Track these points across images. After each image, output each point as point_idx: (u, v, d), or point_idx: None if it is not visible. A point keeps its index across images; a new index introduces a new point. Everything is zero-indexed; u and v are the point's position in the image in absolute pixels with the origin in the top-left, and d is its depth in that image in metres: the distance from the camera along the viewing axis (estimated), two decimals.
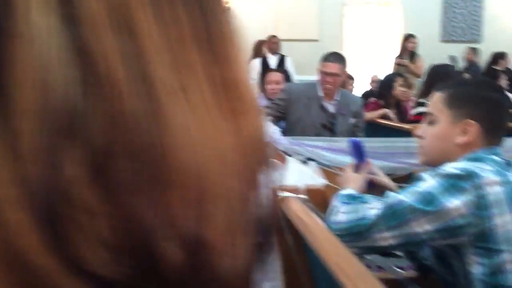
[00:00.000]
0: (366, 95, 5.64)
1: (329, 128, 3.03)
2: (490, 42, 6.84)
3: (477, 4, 6.81)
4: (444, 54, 6.68)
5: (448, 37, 6.88)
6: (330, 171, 2.50)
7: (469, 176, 1.08)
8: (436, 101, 1.28)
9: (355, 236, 1.12)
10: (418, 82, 6.04)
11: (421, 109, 3.58)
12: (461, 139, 1.20)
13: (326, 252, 0.90)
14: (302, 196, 1.28)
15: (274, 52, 6.19)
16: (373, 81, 5.91)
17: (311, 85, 3.14)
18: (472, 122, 1.19)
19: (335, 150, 2.89)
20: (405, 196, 1.12)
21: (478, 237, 1.08)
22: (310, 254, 1.11)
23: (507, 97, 1.29)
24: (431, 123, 1.27)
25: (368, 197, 1.19)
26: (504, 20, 6.88)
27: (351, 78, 5.51)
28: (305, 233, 1.05)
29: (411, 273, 1.40)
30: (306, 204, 1.27)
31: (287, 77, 5.02)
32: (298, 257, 1.24)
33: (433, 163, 1.25)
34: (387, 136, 3.28)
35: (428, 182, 1.10)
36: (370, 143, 3.05)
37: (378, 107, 3.94)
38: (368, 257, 1.35)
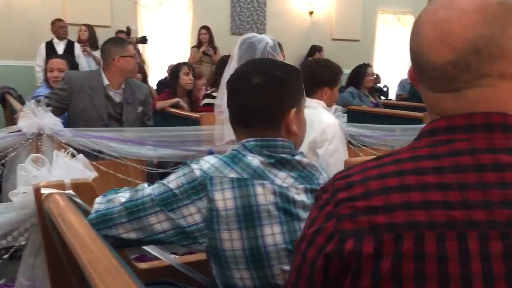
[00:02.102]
0: (161, 83, 5.69)
1: (116, 118, 2.95)
2: (272, 36, 7.53)
3: (261, 0, 7.40)
4: (233, 46, 7.11)
5: (236, 30, 7.32)
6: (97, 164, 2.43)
7: (202, 186, 1.04)
8: None
9: (102, 225, 1.09)
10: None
11: (207, 100, 3.73)
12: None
13: (81, 248, 0.86)
14: (68, 191, 1.20)
15: (60, 37, 5.76)
16: (169, 70, 5.97)
17: (94, 73, 2.99)
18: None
19: (123, 140, 2.83)
20: (153, 189, 1.08)
21: (211, 249, 1.06)
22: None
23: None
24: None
25: (125, 188, 1.17)
26: (282, 17, 7.63)
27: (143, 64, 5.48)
28: (66, 231, 0.99)
29: (186, 257, 1.44)
30: (73, 199, 1.20)
31: (74, 64, 4.72)
32: (65, 256, 1.16)
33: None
34: (178, 124, 3.35)
35: (176, 180, 1.07)
36: (161, 132, 3.08)
37: (169, 96, 3.98)
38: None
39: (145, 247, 1.32)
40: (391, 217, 0.65)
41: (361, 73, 4.67)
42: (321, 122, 2.29)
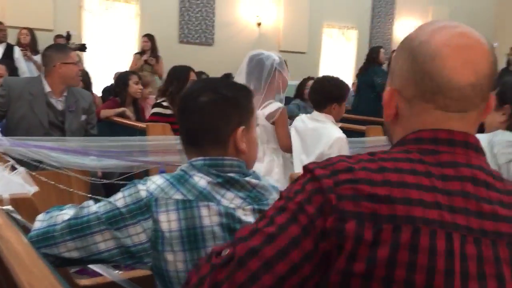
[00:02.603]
0: (107, 90, 5.55)
1: (58, 127, 2.84)
2: (220, 46, 7.57)
3: (210, 10, 7.41)
4: (182, 55, 7.07)
5: (185, 38, 7.29)
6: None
7: (148, 207, 1.03)
8: None
9: (43, 243, 1.05)
10: (158, 81, 6.26)
11: (157, 109, 3.69)
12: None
13: (19, 268, 0.83)
14: (7, 207, 1.16)
15: None
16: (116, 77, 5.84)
17: (35, 80, 2.88)
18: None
19: (65, 150, 2.74)
20: (98, 207, 1.06)
21: (156, 269, 1.05)
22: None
23: (250, 99, 1.19)
24: None
25: (69, 205, 1.13)
26: (231, 27, 7.68)
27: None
28: (4, 250, 0.95)
29: (131, 272, 1.41)
30: (12, 216, 1.15)
31: (13, 69, 4.53)
32: (2, 277, 1.11)
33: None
34: (124, 134, 3.29)
35: (122, 199, 1.05)
36: (105, 142, 3.01)
37: (116, 104, 3.90)
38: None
39: None
40: (392, 208, 0.70)
41: (304, 85, 4.77)
42: (330, 136, 2.45)
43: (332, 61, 8.71)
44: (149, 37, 6.27)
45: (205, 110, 1.11)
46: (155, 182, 1.07)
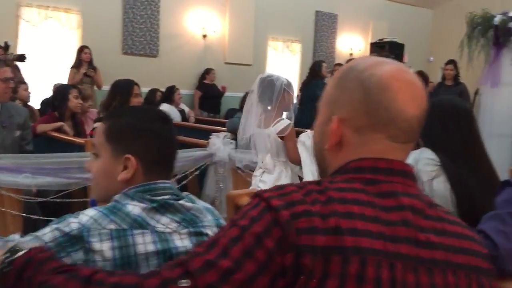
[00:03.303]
0: (45, 103, 5.37)
1: None
2: (165, 57, 7.52)
3: (154, 21, 7.35)
4: (126, 66, 6.97)
5: (129, 50, 7.18)
6: None
7: (79, 238, 1.00)
8: (98, 132, 1.16)
9: None
10: (98, 94, 6.14)
11: (97, 124, 3.61)
12: (122, 176, 1.10)
13: None
14: None
15: None
16: (55, 90, 5.67)
17: None
18: (131, 156, 1.10)
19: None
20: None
21: None
22: None
23: (170, 126, 1.19)
24: (96, 156, 1.16)
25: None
26: (176, 39, 7.65)
27: (23, 82, 5.14)
28: None
29: None
30: None
31: None
32: None
33: (104, 201, 1.13)
34: (62, 150, 3.19)
35: (51, 233, 1.01)
36: (40, 159, 2.91)
37: (53, 119, 3.78)
38: None
39: None
40: (340, 240, 0.71)
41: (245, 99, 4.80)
42: None
43: (277, 74, 8.85)
44: (88, 48, 6.19)
45: (166, 139, 1.18)
46: (87, 214, 1.05)
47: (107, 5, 6.98)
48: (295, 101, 5.82)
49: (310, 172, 2.73)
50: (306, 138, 2.85)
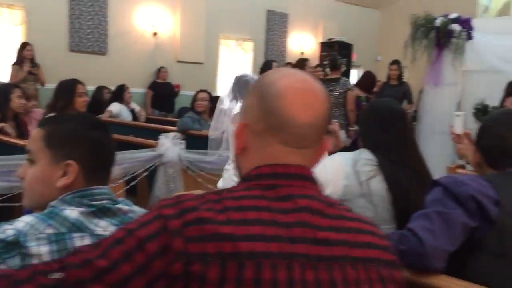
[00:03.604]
0: None
1: None
2: (115, 55, 7.38)
3: (102, 18, 7.19)
4: (73, 64, 6.79)
5: (76, 47, 6.99)
6: None
7: (15, 244, 0.98)
8: (35, 138, 1.15)
9: None
10: (42, 93, 5.97)
11: None
12: (62, 182, 1.11)
13: None
14: None
15: None
16: None
17: None
18: (72, 162, 1.11)
19: None
20: None
21: None
22: None
23: (109, 134, 1.22)
24: (32, 162, 1.15)
25: None
26: (125, 37, 7.51)
27: None
28: None
29: None
30: None
31: None
32: None
33: (37, 208, 1.12)
34: (3, 153, 3.08)
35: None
36: None
37: None
38: None
39: None
40: (235, 246, 0.73)
41: (194, 98, 4.78)
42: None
43: (229, 72, 8.86)
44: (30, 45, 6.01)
45: (105, 146, 1.21)
46: (23, 220, 1.03)
47: (52, 1, 6.76)
48: None
49: None
50: None
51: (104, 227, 1.07)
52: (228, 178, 2.93)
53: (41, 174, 1.13)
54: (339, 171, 1.75)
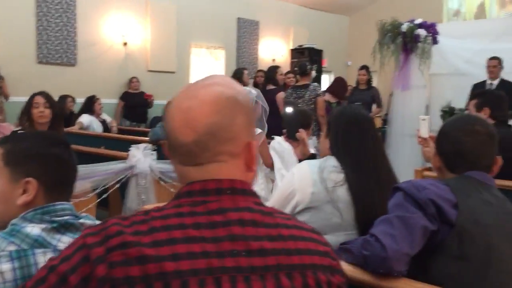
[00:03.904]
0: None
1: None
2: (84, 66, 7.29)
3: (71, 29, 7.10)
4: (42, 76, 6.68)
5: (44, 59, 6.89)
6: None
7: None
8: None
9: None
10: (7, 107, 5.86)
11: None
12: (22, 199, 1.12)
13: None
14: None
15: None
16: None
17: None
18: (31, 180, 1.12)
19: None
20: None
21: None
22: None
23: (70, 151, 1.23)
24: None
25: None
26: (94, 47, 7.43)
27: None
28: None
29: None
30: None
31: None
32: None
33: None
34: None
35: None
36: None
37: None
38: None
39: None
40: (161, 267, 0.73)
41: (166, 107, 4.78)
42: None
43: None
44: None
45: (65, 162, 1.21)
46: None
47: (18, 11, 6.65)
48: None
49: (280, 175, 3.10)
50: (277, 144, 3.25)
51: (67, 242, 1.07)
52: None
53: (0, 193, 1.13)
54: (306, 179, 1.77)
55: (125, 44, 7.72)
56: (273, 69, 5.90)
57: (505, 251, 1.33)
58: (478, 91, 3.39)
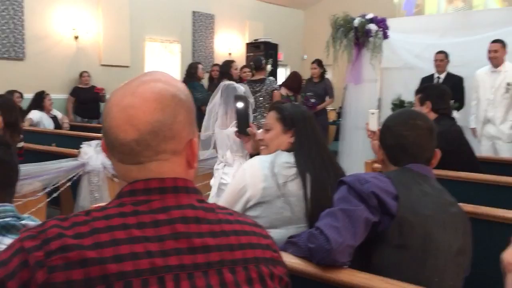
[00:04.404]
0: None
1: None
2: (33, 60, 7.04)
3: (18, 22, 6.84)
4: None
5: None
6: None
7: None
8: None
9: None
10: None
11: None
12: None
13: None
14: None
15: None
16: None
17: None
18: None
19: None
20: None
21: None
22: None
23: (11, 151, 1.21)
24: None
25: None
26: (44, 41, 7.19)
27: None
28: None
29: None
30: None
31: None
32: None
33: None
34: None
35: None
36: None
37: None
38: None
39: None
40: (103, 269, 0.72)
41: None
42: None
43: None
44: None
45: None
46: None
47: None
48: None
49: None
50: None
51: (8, 244, 1.06)
52: (218, 177, 3.25)
53: None
54: (258, 174, 1.79)
55: (76, 37, 7.51)
56: (228, 63, 5.90)
57: (441, 239, 1.40)
58: (421, 86, 3.52)
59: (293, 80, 6.70)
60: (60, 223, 0.78)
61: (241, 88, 3.28)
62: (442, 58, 5.43)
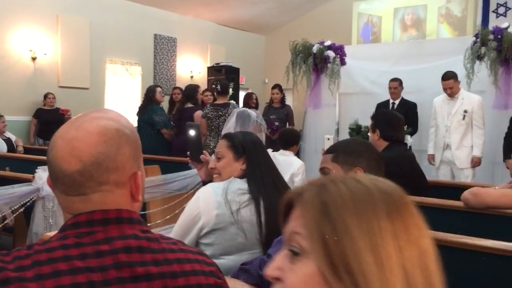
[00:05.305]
0: None
1: None
2: None
3: None
4: None
5: None
6: None
7: None
8: None
9: None
10: None
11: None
12: None
13: None
14: None
15: None
16: None
17: None
18: None
19: None
20: None
21: None
22: None
23: None
24: None
25: None
26: (2, 60, 7.04)
27: None
28: None
29: None
30: None
31: None
32: None
33: None
34: None
35: None
36: None
37: None
38: None
39: None
40: None
41: None
42: (298, 163, 3.88)
43: (117, 97, 8.66)
44: None
45: None
46: None
47: None
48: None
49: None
50: (277, 155, 3.76)
51: None
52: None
53: None
54: (211, 201, 1.81)
55: (34, 58, 7.37)
56: (195, 87, 5.92)
57: None
58: (373, 114, 3.63)
59: (249, 101, 6.84)
60: (2, 258, 0.78)
61: (254, 114, 3.40)
62: (396, 86, 5.61)
